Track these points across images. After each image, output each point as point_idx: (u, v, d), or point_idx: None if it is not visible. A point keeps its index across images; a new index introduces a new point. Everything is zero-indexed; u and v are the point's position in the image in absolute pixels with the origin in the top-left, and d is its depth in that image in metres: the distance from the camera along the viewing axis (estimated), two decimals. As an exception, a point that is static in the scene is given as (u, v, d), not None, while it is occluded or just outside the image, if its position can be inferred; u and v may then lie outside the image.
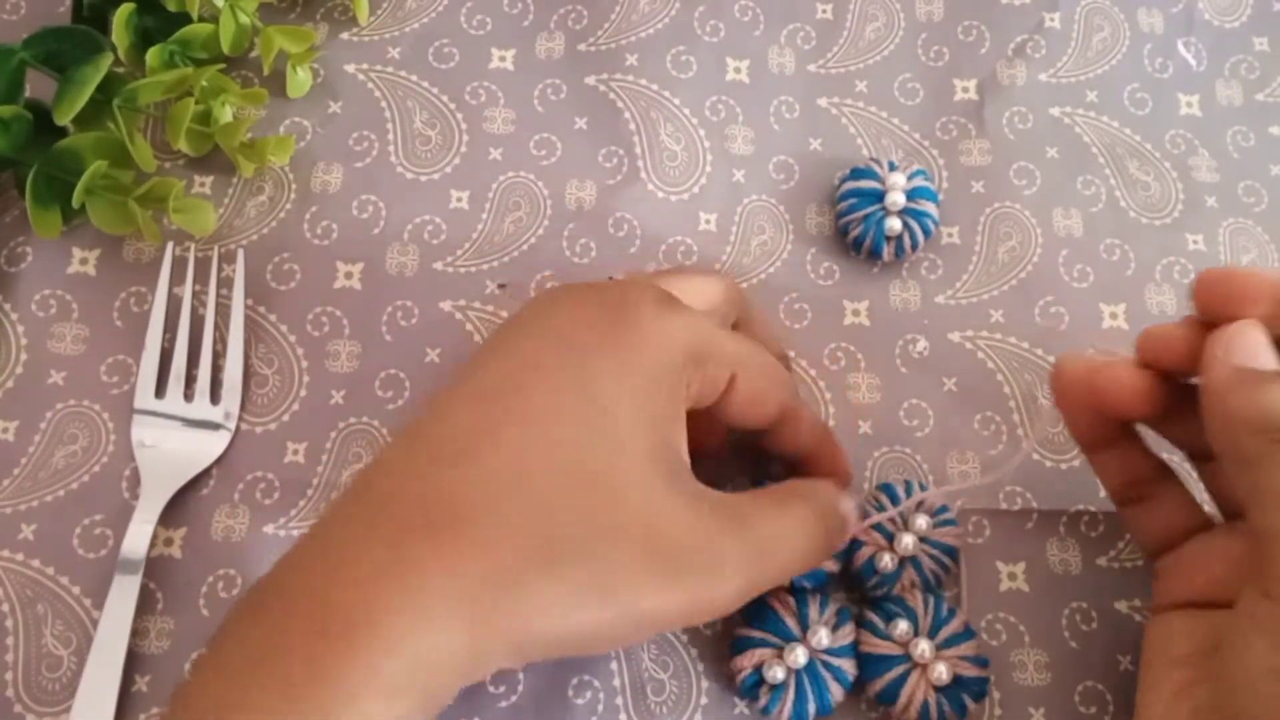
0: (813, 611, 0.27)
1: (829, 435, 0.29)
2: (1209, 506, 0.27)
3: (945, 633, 0.27)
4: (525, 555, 0.20)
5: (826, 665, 0.27)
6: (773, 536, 0.23)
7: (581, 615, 0.20)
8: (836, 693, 0.27)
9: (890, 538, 0.28)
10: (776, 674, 0.26)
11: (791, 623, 0.27)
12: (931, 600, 0.28)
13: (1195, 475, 0.27)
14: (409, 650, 0.19)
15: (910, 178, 0.33)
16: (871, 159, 0.33)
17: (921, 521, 0.28)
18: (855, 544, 0.28)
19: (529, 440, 0.21)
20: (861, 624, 0.28)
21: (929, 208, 0.32)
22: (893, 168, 0.33)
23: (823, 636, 0.27)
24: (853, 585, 0.29)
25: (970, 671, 0.27)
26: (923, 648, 0.26)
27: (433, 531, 0.20)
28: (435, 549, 0.20)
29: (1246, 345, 0.22)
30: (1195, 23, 0.38)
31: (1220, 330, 0.22)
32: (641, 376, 0.22)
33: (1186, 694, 0.23)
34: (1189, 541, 0.26)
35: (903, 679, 0.26)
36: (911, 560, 0.28)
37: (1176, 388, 0.25)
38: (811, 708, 0.26)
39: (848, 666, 0.27)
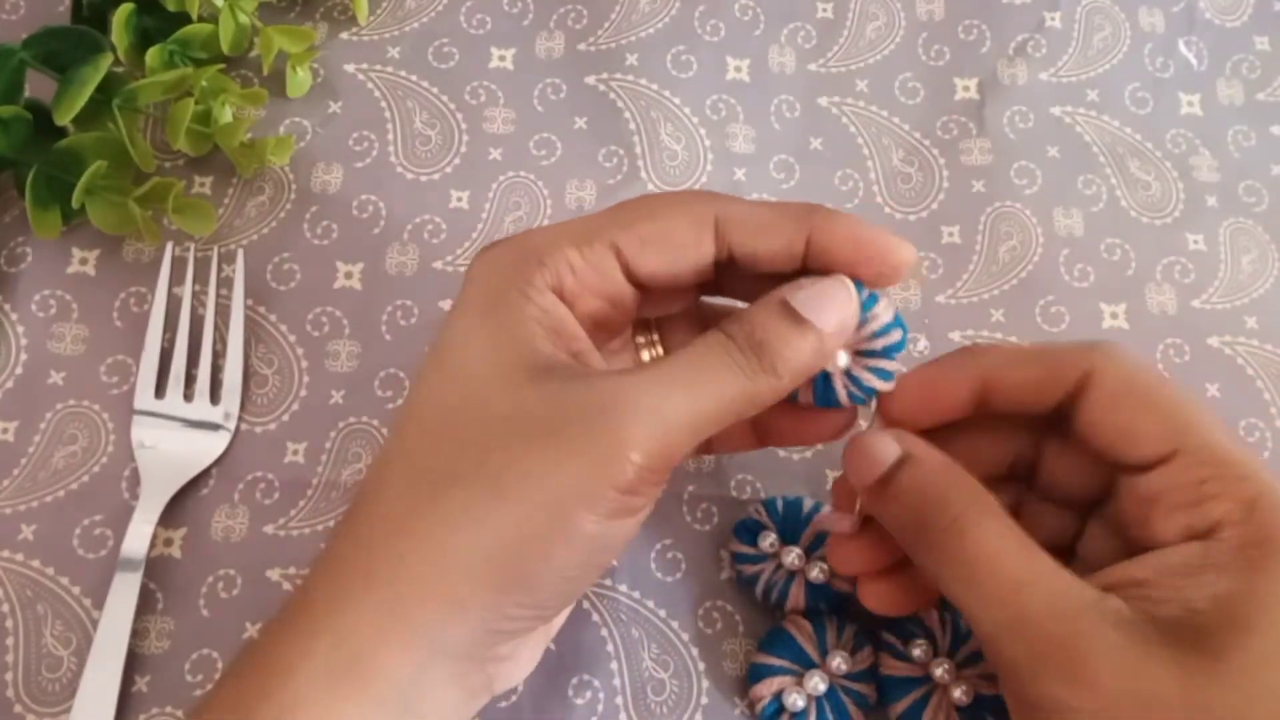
0: (830, 636, 0.27)
1: (816, 212, 0.23)
2: None
3: (964, 651, 0.27)
4: (413, 493, 0.21)
5: (846, 690, 0.26)
6: (675, 387, 0.21)
7: (483, 527, 0.20)
8: (857, 717, 0.26)
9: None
10: (797, 702, 0.26)
11: (809, 648, 0.27)
12: (949, 618, 0.27)
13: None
14: (333, 627, 0.20)
15: None
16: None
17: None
18: None
19: (410, 414, 0.22)
20: (880, 646, 0.27)
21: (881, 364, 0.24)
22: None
23: (840, 662, 0.26)
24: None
25: (990, 690, 0.26)
26: (943, 669, 0.26)
27: (343, 519, 0.22)
28: (342, 529, 0.22)
29: (867, 453, 0.23)
30: (1196, 22, 0.37)
31: (846, 457, 0.24)
32: (477, 307, 0.22)
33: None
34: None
35: (924, 701, 0.26)
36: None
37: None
38: None
39: (867, 690, 0.27)
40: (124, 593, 0.28)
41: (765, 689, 0.27)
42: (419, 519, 0.20)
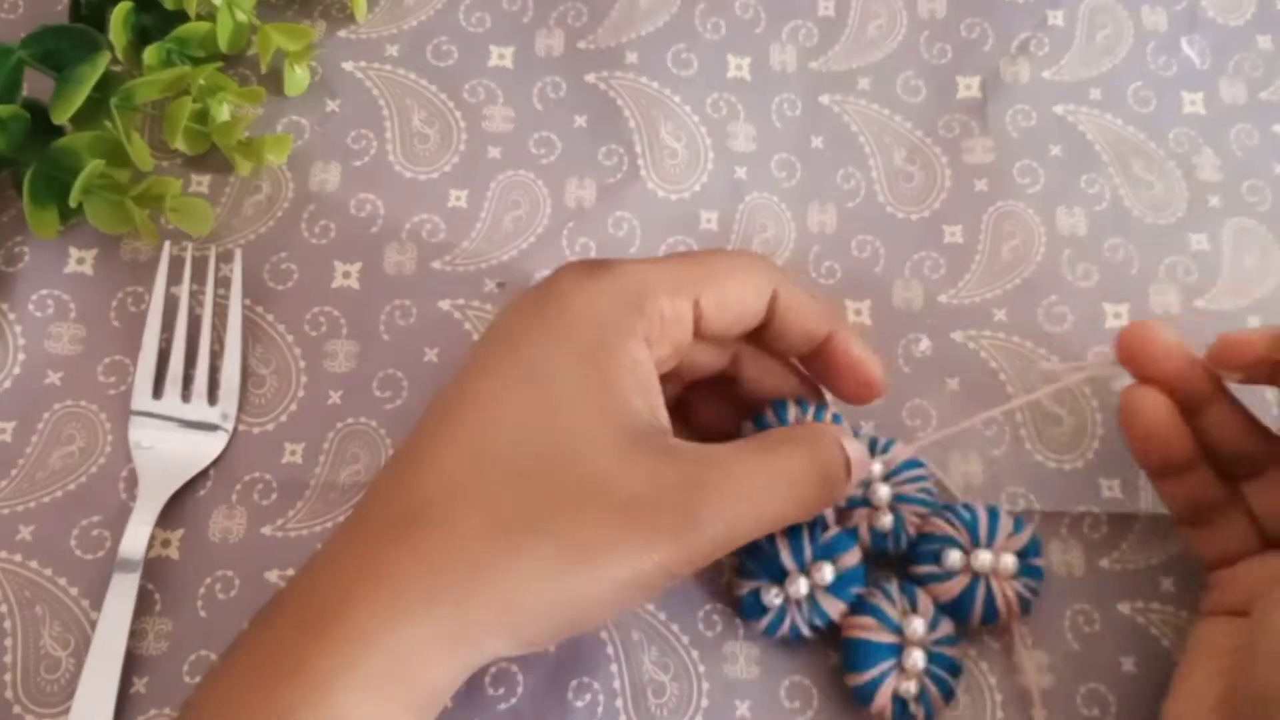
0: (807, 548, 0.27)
1: (835, 322, 0.26)
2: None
3: (1003, 542, 0.28)
4: (492, 536, 0.21)
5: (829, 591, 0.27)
6: (757, 486, 0.23)
7: (560, 583, 0.21)
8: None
9: (863, 503, 0.28)
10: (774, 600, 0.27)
11: (787, 558, 0.27)
12: (961, 511, 0.28)
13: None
14: (384, 644, 0.20)
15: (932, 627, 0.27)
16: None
17: (884, 490, 0.28)
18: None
19: (482, 429, 0.22)
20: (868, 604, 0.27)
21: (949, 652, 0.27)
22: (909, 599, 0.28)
23: (827, 572, 0.27)
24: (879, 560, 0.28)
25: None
26: (982, 558, 0.27)
27: (398, 530, 0.21)
28: (402, 546, 0.21)
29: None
30: (1199, 20, 0.37)
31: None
32: (576, 344, 0.22)
33: (1220, 676, 0.23)
34: (1244, 560, 0.26)
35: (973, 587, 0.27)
36: (896, 519, 0.28)
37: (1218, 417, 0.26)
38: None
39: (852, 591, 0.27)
40: (122, 594, 0.27)
41: (745, 586, 0.27)
42: (497, 566, 0.21)
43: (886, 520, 0.28)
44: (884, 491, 0.28)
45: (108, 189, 0.31)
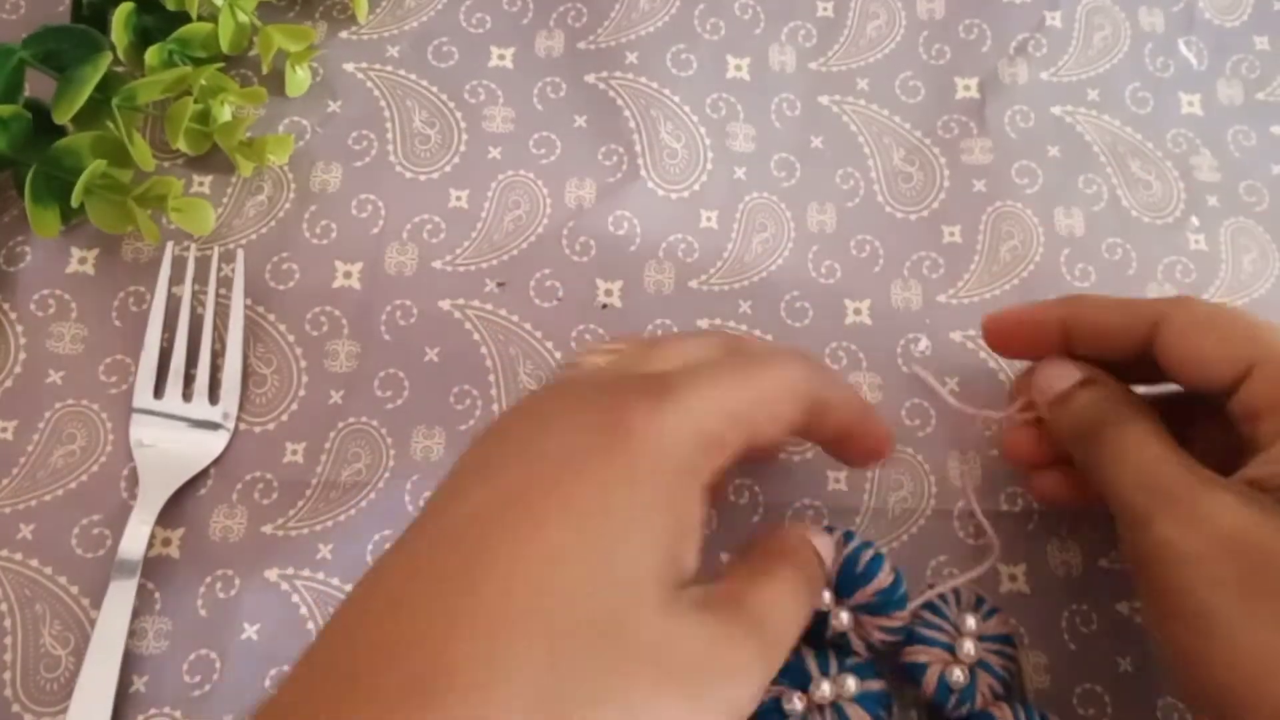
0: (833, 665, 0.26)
1: (866, 412, 0.26)
2: None
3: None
4: (535, 709, 0.17)
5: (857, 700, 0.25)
6: (777, 620, 0.22)
7: None
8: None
9: (949, 649, 0.26)
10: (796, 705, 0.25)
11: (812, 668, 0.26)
12: (1021, 710, 0.26)
13: None
14: None
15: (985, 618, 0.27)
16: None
17: (970, 620, 0.27)
18: (917, 666, 0.26)
19: (529, 577, 0.18)
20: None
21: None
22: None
23: (850, 684, 0.25)
24: (933, 715, 0.27)
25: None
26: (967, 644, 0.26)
27: (426, 700, 0.17)
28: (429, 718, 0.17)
29: (1054, 374, 0.27)
30: (1196, 22, 0.37)
31: (1034, 376, 0.27)
32: (645, 489, 0.20)
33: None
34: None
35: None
36: (981, 664, 0.26)
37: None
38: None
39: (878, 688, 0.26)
40: (122, 592, 0.28)
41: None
42: None
43: (959, 676, 0.26)
44: (969, 647, 0.26)
45: (109, 189, 0.31)
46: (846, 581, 0.26)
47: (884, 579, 0.26)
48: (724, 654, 0.20)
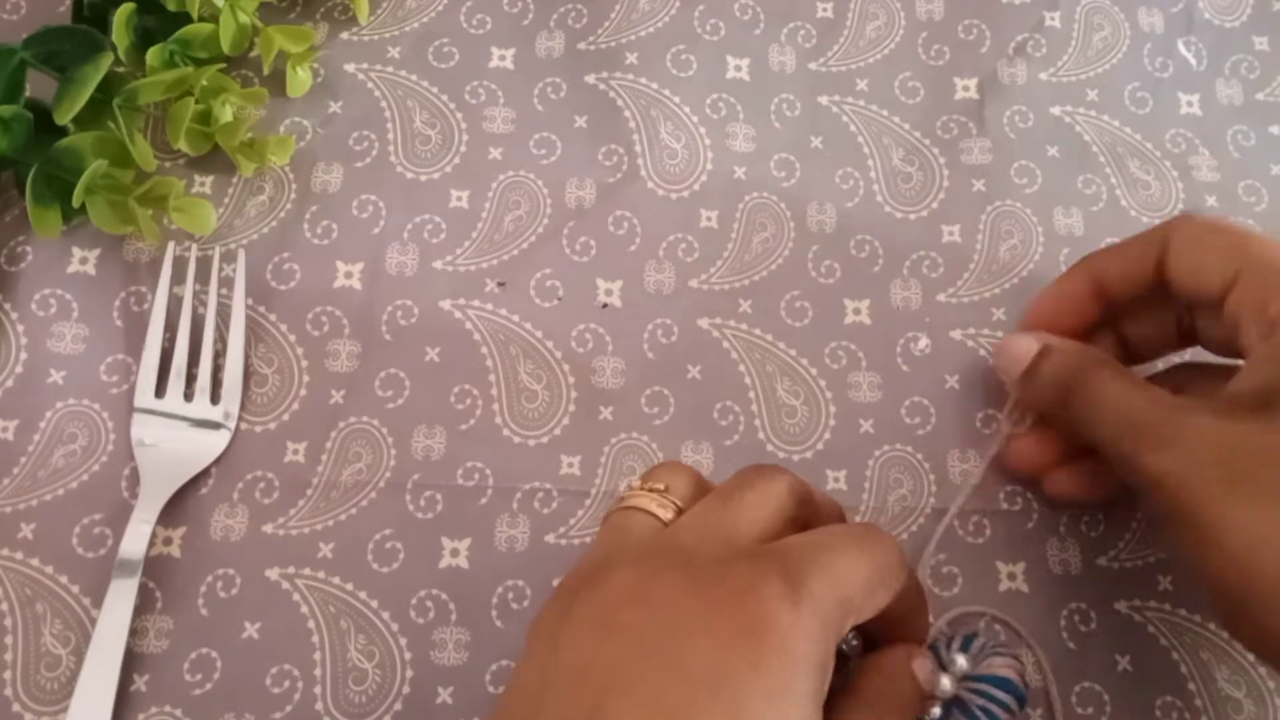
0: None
1: (921, 597, 0.25)
2: None
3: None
4: None
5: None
6: None
7: None
8: None
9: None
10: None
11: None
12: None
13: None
14: None
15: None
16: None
17: (960, 660, 0.25)
18: None
19: None
20: None
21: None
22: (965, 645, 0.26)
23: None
24: None
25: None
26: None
27: None
28: None
29: (1012, 353, 0.28)
30: (1195, 22, 0.37)
31: (996, 360, 0.29)
32: (797, 697, 0.19)
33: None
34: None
35: None
36: (957, 704, 0.25)
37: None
38: None
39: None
40: (123, 592, 0.28)
41: None
42: None
43: (936, 713, 0.25)
44: (946, 684, 0.25)
45: (110, 189, 0.32)
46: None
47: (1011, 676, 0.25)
48: None
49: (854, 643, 0.26)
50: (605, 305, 0.33)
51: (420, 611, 0.29)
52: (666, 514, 0.23)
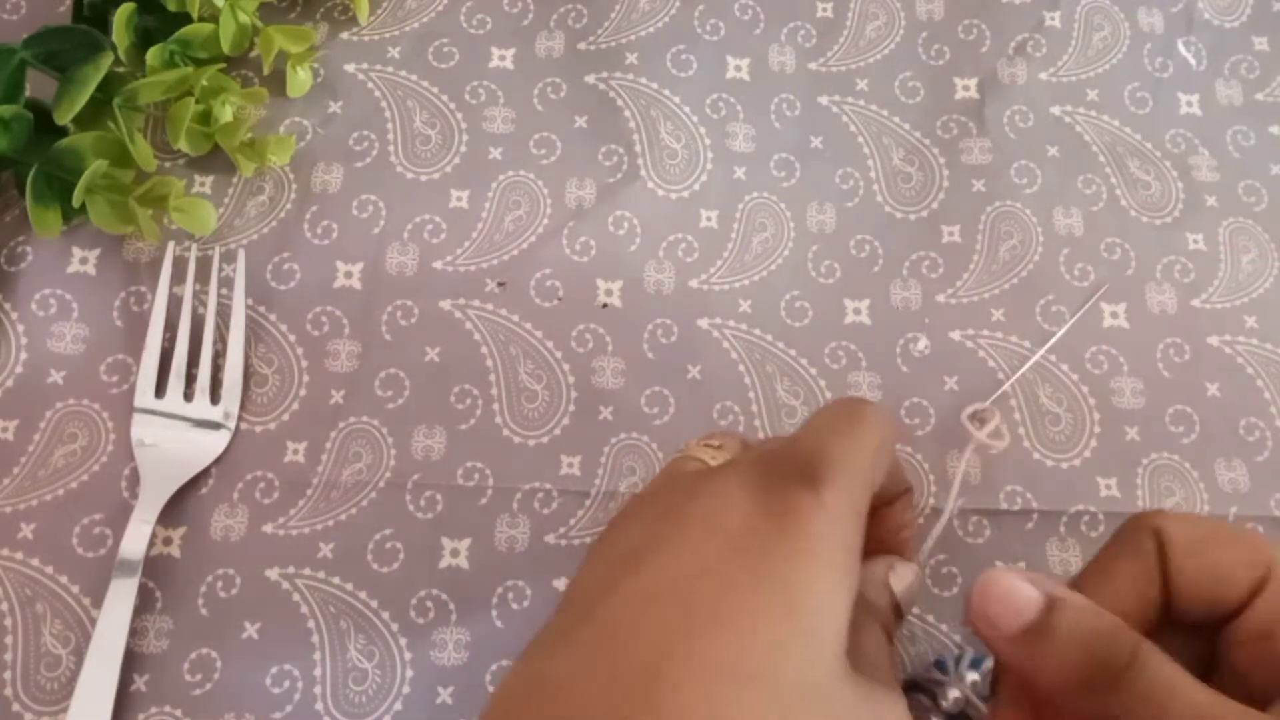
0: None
1: (902, 472, 0.26)
2: None
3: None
4: None
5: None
6: (886, 667, 0.22)
7: None
8: None
9: (932, 695, 0.26)
10: None
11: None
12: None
13: None
14: None
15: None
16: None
17: (971, 675, 0.25)
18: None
19: (724, 650, 0.19)
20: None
21: None
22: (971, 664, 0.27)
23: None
24: None
25: None
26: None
27: None
28: None
29: (1008, 602, 0.21)
30: (1195, 22, 0.37)
31: (977, 604, 0.22)
32: (822, 557, 0.20)
33: None
34: None
35: None
36: (963, 717, 0.25)
37: None
38: None
39: None
40: (123, 592, 0.28)
41: None
42: None
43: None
44: (953, 697, 0.25)
45: (111, 189, 0.32)
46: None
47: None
48: (885, 714, 0.20)
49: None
50: (605, 305, 0.33)
51: (420, 611, 0.29)
52: (717, 461, 0.25)
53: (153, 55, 0.33)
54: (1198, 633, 0.22)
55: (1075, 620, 0.21)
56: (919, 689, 0.26)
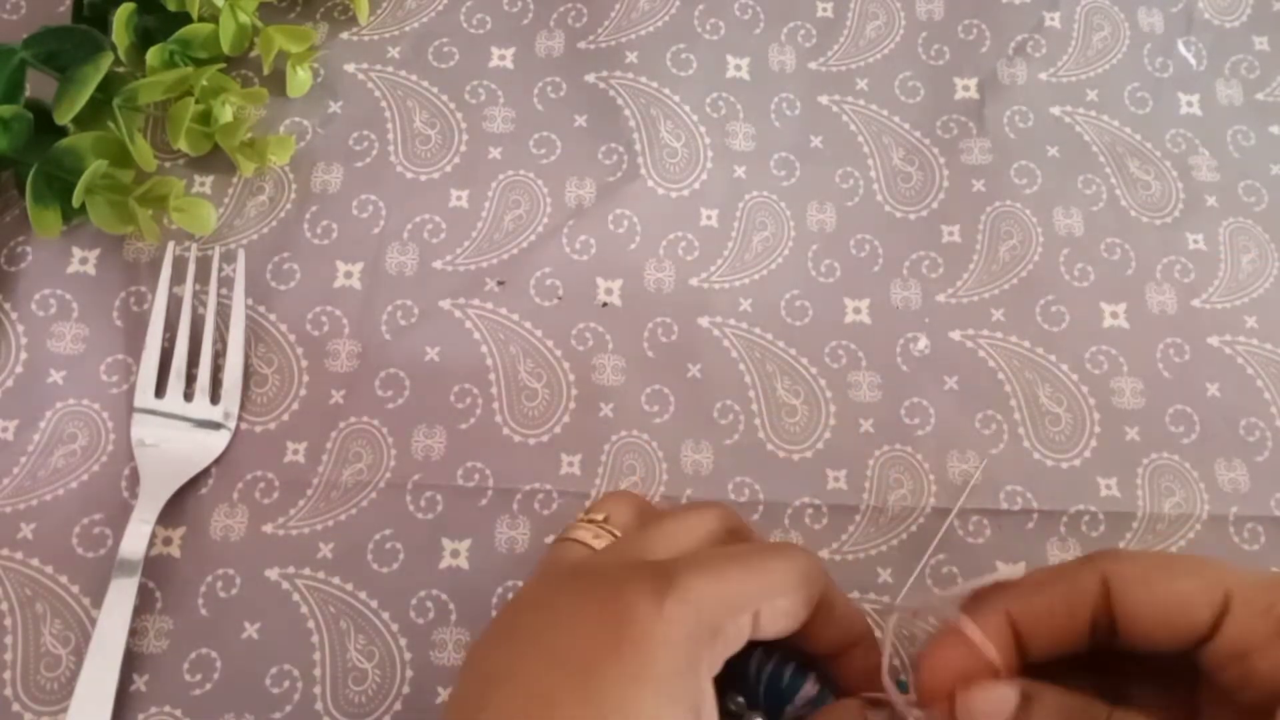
0: None
1: (869, 630, 0.25)
2: None
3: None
4: None
5: None
6: None
7: None
8: None
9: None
10: None
11: None
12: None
13: None
14: None
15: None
16: None
17: None
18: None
19: None
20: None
21: None
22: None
23: None
24: None
25: None
26: None
27: None
28: None
29: (988, 706, 0.21)
30: (1195, 22, 0.37)
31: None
32: (656, 684, 0.20)
33: None
34: None
35: None
36: None
37: None
38: None
39: None
40: (123, 592, 0.28)
41: None
42: None
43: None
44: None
45: (110, 189, 0.32)
46: (773, 698, 0.24)
47: (809, 690, 0.24)
48: None
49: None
50: (605, 304, 0.33)
51: (420, 611, 0.29)
52: (600, 543, 0.24)
53: (153, 55, 0.33)
54: (1172, 683, 0.23)
55: (1054, 711, 0.21)
56: None
